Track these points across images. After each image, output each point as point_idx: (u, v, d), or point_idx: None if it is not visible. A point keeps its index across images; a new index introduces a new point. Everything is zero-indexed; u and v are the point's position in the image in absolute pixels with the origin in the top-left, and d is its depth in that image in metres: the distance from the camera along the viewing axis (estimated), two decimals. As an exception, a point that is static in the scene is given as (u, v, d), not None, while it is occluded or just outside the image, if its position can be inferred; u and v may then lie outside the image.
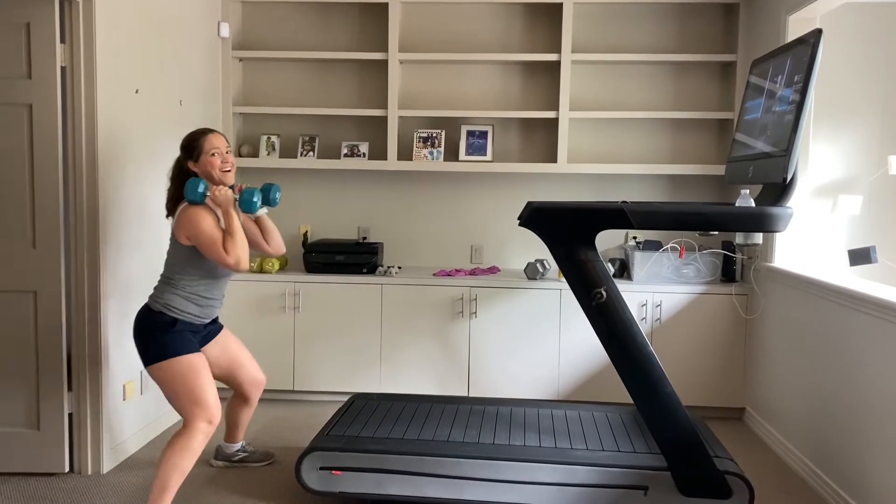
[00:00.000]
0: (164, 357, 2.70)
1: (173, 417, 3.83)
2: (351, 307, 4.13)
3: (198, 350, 2.79)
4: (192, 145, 2.81)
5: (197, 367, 2.73)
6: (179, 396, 2.72)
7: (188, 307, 2.79)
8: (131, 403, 3.42)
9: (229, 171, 2.83)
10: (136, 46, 3.37)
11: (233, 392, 3.20)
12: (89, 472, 3.17)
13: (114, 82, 3.19)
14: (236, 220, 2.73)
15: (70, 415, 3.14)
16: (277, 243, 3.04)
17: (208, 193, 2.74)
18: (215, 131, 2.87)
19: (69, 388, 3.12)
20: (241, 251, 2.68)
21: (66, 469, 3.12)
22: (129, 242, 3.38)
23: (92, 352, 3.15)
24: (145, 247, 3.52)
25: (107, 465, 3.20)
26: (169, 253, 2.84)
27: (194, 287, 2.79)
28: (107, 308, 3.19)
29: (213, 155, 2.79)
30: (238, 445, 3.29)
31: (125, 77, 3.29)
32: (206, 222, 2.68)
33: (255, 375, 3.14)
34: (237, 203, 2.81)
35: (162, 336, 2.72)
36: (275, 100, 4.55)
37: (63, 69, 3.03)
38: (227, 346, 3.05)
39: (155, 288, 2.84)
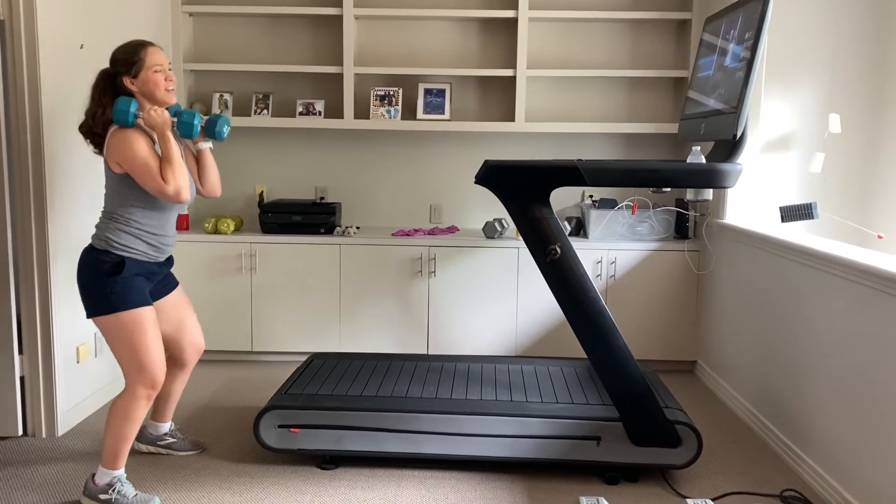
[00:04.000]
0: (110, 310, 2.46)
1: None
2: (309, 268, 4.11)
3: (149, 302, 2.56)
4: (133, 58, 2.47)
5: (144, 323, 2.50)
6: (121, 355, 2.53)
7: (136, 244, 2.52)
8: (86, 366, 3.38)
9: (173, 90, 2.54)
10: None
11: (167, 357, 2.82)
12: (43, 436, 3.14)
13: (57, 37, 3.08)
14: (174, 144, 2.46)
15: (22, 378, 3.09)
16: (213, 184, 2.72)
17: (140, 114, 2.45)
18: (155, 45, 2.53)
19: (20, 352, 3.07)
20: (181, 179, 2.42)
21: (20, 433, 3.09)
22: (80, 201, 3.30)
23: (42, 314, 3.09)
24: (96, 204, 3.41)
25: (61, 429, 3.17)
26: (107, 185, 2.55)
27: (141, 222, 2.52)
28: (57, 269, 3.12)
29: (156, 72, 2.48)
30: (166, 427, 3.00)
31: (69, 32, 3.18)
32: (141, 146, 2.41)
33: (197, 340, 2.90)
34: (175, 126, 2.52)
35: (110, 283, 2.46)
36: (227, 56, 4.45)
37: (1, 23, 2.92)
38: (179, 305, 2.82)
39: (97, 225, 2.57)
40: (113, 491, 2.54)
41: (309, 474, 2.84)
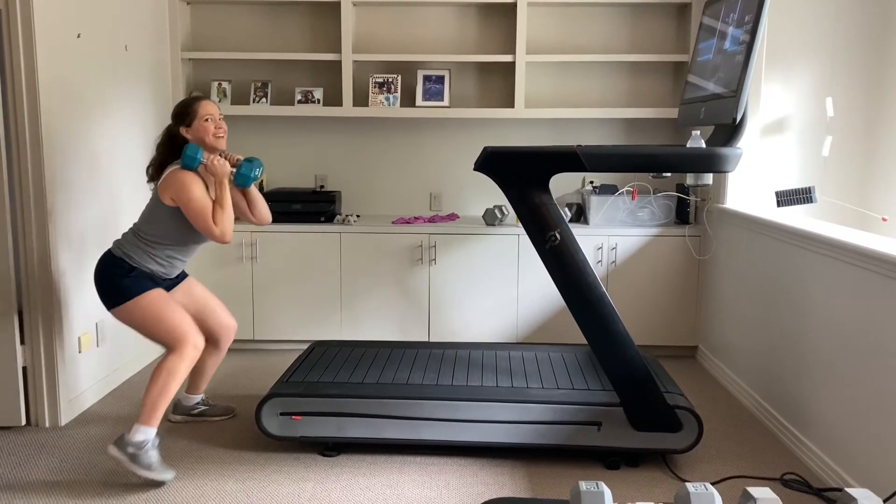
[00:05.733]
0: (124, 299, 2.74)
1: (134, 368, 3.81)
2: (309, 256, 4.11)
3: (156, 286, 2.81)
4: (187, 111, 2.83)
5: (158, 301, 2.77)
6: (154, 334, 2.78)
7: (149, 264, 2.81)
8: (88, 356, 3.39)
9: (222, 136, 2.86)
10: (75, -12, 3.24)
11: None
12: (47, 426, 3.15)
13: (53, 26, 3.07)
14: (228, 192, 2.78)
15: (24, 368, 3.10)
16: (263, 214, 3.05)
17: (205, 161, 2.75)
18: (208, 98, 2.88)
19: (22, 342, 3.08)
20: (228, 224, 2.76)
21: (23, 423, 3.10)
22: (81, 191, 3.30)
23: (45, 304, 3.09)
24: (98, 195, 3.45)
25: (64, 418, 3.19)
26: (148, 208, 2.84)
27: (162, 249, 2.82)
28: (58, 259, 3.13)
29: (206, 121, 2.81)
30: (199, 398, 3.24)
31: (66, 21, 3.17)
32: (198, 189, 2.72)
33: (225, 321, 3.13)
34: (233, 175, 2.83)
35: (120, 280, 2.76)
36: (225, 44, 4.43)
37: (-2, 12, 2.91)
38: (191, 292, 3.04)
39: (123, 235, 2.86)
40: (141, 450, 2.63)
41: (311, 461, 2.86)
